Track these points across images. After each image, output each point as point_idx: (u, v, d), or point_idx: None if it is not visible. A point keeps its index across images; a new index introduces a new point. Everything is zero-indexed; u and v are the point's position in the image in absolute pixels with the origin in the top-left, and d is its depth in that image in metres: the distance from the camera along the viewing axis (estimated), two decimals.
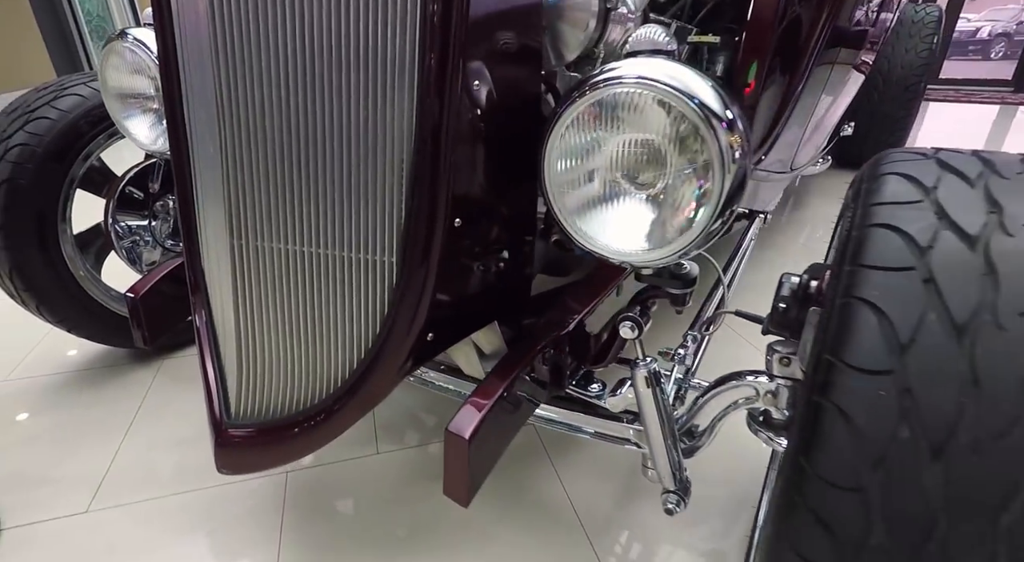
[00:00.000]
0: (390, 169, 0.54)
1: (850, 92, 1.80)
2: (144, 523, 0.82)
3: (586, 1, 0.61)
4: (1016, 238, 0.38)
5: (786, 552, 0.40)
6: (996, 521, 0.33)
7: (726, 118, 0.47)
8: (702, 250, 0.59)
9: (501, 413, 0.60)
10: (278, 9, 0.51)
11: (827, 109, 1.53)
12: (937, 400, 0.35)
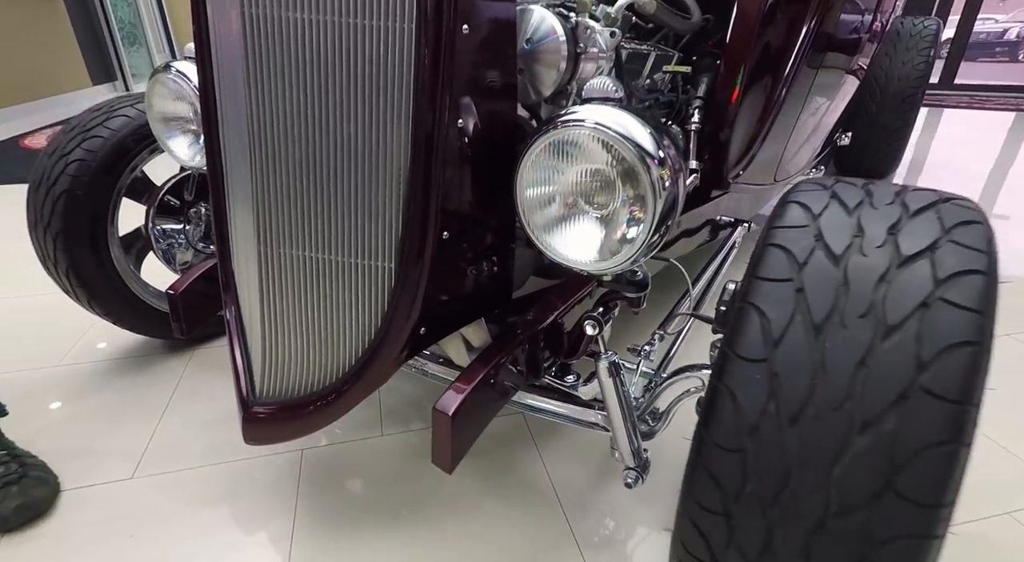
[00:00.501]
0: (389, 190, 0.66)
1: (839, 104, 1.88)
2: (181, 489, 0.95)
3: (557, 48, 0.72)
4: (868, 257, 0.48)
5: (691, 503, 0.51)
6: (831, 472, 0.43)
7: (658, 156, 0.58)
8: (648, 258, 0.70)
9: (481, 395, 0.72)
10: (301, 57, 0.63)
11: (812, 123, 1.62)
12: (795, 382, 0.46)
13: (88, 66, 5.07)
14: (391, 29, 0.61)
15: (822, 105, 1.63)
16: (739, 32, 1.18)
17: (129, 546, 0.85)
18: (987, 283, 0.45)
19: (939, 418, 0.41)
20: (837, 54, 1.54)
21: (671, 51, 1.18)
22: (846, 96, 1.95)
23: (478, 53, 0.65)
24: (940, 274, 0.45)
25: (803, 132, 1.55)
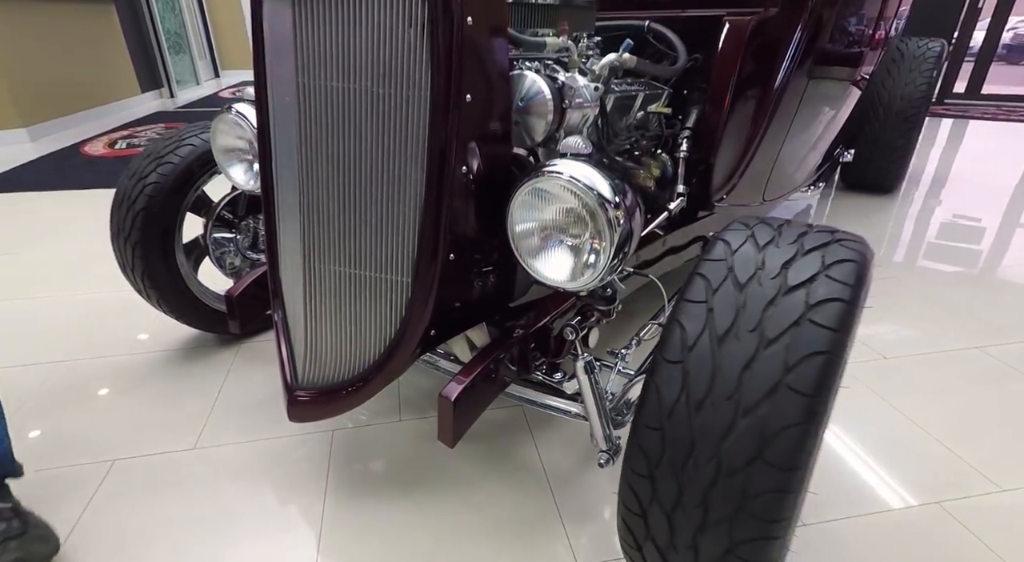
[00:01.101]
0: (407, 220, 0.83)
1: (834, 124, 1.99)
2: (235, 458, 1.14)
3: (544, 105, 0.89)
4: (763, 287, 0.63)
5: (627, 470, 0.67)
6: (721, 445, 0.59)
7: (614, 202, 0.74)
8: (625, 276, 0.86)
9: (479, 385, 0.88)
10: (341, 113, 0.81)
11: (801, 146, 1.74)
12: (700, 379, 0.61)
13: (137, 74, 5.41)
14: (411, 97, 0.78)
15: (812, 128, 1.75)
16: (721, 70, 1.33)
17: (193, 502, 1.05)
18: (845, 309, 0.60)
19: (797, 407, 0.57)
20: (826, 80, 1.66)
21: (662, 88, 1.33)
22: (842, 116, 2.07)
23: (479, 114, 0.82)
24: (811, 301, 0.61)
25: (791, 155, 1.68)
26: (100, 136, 4.00)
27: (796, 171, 1.84)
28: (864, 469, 1.11)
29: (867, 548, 0.95)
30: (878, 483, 1.08)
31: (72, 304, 1.75)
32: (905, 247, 2.14)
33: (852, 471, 1.11)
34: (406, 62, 0.76)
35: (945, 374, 1.40)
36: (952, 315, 1.66)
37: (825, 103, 1.74)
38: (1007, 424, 1.23)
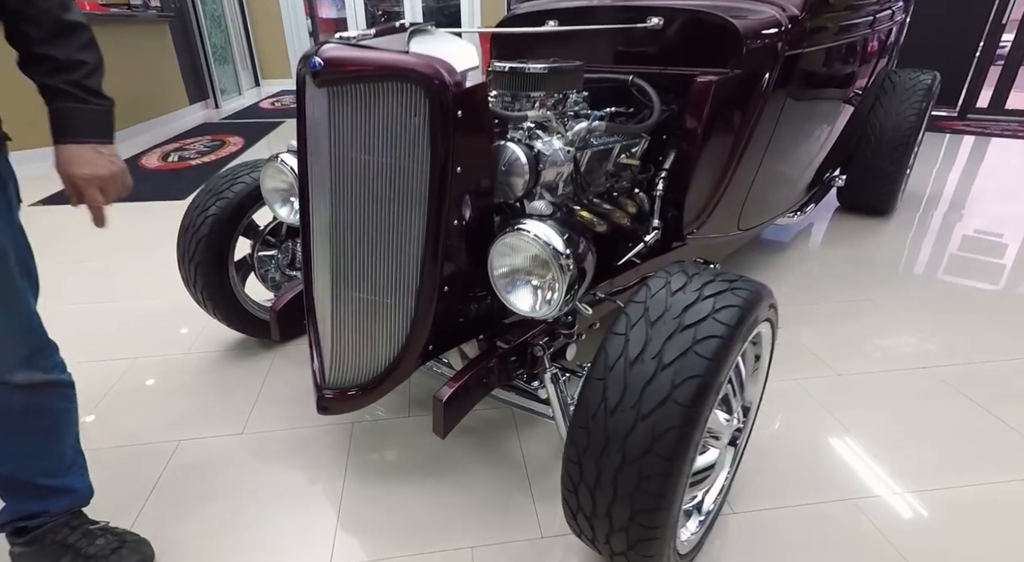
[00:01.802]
0: (411, 258, 1.07)
1: (810, 158, 2.16)
2: (274, 442, 1.40)
3: (521, 168, 1.11)
4: (666, 324, 0.85)
5: (565, 458, 0.90)
6: (626, 441, 0.81)
7: (565, 253, 0.97)
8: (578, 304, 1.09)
9: (465, 389, 1.12)
10: (364, 176, 1.05)
11: (774, 182, 1.93)
12: (614, 392, 0.83)
13: (186, 87, 5.82)
14: (415, 168, 1.02)
15: (785, 165, 1.93)
16: (690, 121, 1.53)
17: (242, 477, 1.31)
18: (721, 344, 0.81)
19: (678, 415, 0.78)
20: (795, 124, 1.85)
21: (639, 138, 1.54)
22: (822, 147, 2.24)
23: (467, 181, 1.05)
24: (697, 337, 0.82)
25: (763, 190, 1.87)
26: (154, 148, 4.38)
27: (774, 201, 2.02)
28: (794, 467, 1.31)
29: (787, 534, 1.15)
30: (804, 480, 1.28)
31: (135, 309, 2.05)
32: (883, 269, 2.30)
33: (783, 468, 1.31)
34: (412, 142, 1.00)
35: (889, 390, 1.57)
36: (908, 335, 1.82)
37: (797, 142, 1.92)
38: (930, 436, 1.41)
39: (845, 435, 1.42)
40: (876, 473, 1.30)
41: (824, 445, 1.39)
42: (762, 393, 1.19)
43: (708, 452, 1.05)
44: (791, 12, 1.56)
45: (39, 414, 0.96)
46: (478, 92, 1.01)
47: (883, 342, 1.79)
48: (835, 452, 1.36)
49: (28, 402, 0.93)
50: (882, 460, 1.34)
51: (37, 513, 1.02)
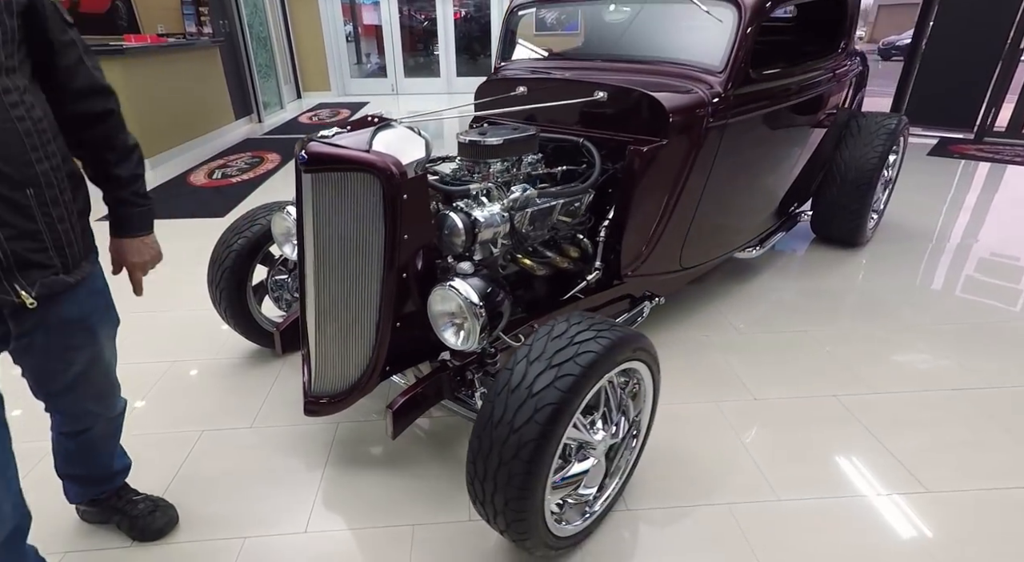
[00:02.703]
0: (371, 301, 1.41)
1: (757, 200, 2.39)
2: (276, 435, 1.76)
3: (459, 232, 1.43)
4: (540, 363, 1.15)
5: (467, 459, 1.21)
6: (503, 446, 1.12)
7: (479, 304, 1.28)
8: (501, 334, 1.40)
9: (413, 402, 1.44)
10: (337, 236, 1.39)
11: (715, 225, 2.18)
12: (498, 411, 1.14)
13: (233, 103, 6.35)
14: (373, 235, 1.35)
15: (727, 210, 2.19)
16: (626, 181, 1.81)
17: (248, 461, 1.67)
18: (575, 380, 1.11)
19: (536, 431, 1.09)
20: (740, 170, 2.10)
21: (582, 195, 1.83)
22: (775, 188, 2.47)
23: (412, 244, 1.38)
24: (559, 374, 1.12)
25: (704, 233, 2.12)
26: (202, 165, 4.88)
27: (717, 243, 2.27)
28: (689, 475, 1.58)
29: (667, 530, 1.44)
30: (694, 486, 1.55)
31: (176, 319, 2.46)
32: (830, 302, 2.51)
33: (680, 476, 1.58)
34: (370, 215, 1.34)
35: (794, 414, 1.82)
36: (827, 367, 2.05)
37: (736, 191, 2.16)
38: (814, 455, 1.65)
39: (741, 451, 1.68)
40: (755, 484, 1.56)
41: (720, 458, 1.65)
42: (652, 414, 1.47)
43: (587, 460, 1.34)
44: (715, 91, 1.83)
45: (108, 440, 1.35)
46: (419, 180, 1.34)
47: (803, 372, 2.03)
48: (728, 465, 1.63)
49: (107, 428, 1.31)
50: (765, 473, 1.60)
51: (99, 493, 1.41)
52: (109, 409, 1.28)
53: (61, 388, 1.14)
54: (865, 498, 1.51)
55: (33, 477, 1.59)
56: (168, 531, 1.44)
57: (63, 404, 1.20)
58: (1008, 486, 1.54)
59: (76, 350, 1.09)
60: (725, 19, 1.84)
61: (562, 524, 1.30)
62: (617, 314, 2.04)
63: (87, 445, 1.30)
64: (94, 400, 1.22)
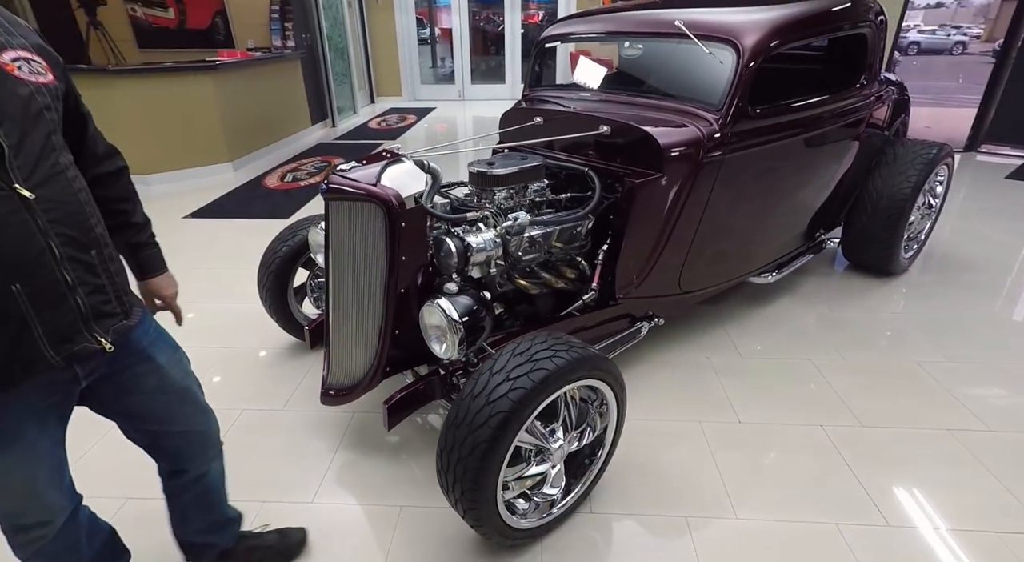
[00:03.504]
0: (375, 312, 1.64)
1: (764, 228, 2.42)
2: (303, 418, 2.04)
3: (452, 255, 1.64)
4: (500, 376, 1.33)
5: (437, 453, 1.41)
6: (463, 443, 1.31)
7: (460, 320, 1.49)
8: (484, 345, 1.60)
9: (405, 399, 1.66)
10: (347, 254, 1.63)
11: (717, 252, 2.26)
12: (461, 413, 1.34)
13: (310, 110, 6.89)
14: (376, 256, 1.58)
15: (729, 238, 2.26)
16: (624, 209, 1.95)
17: (279, 437, 1.96)
18: (526, 393, 1.29)
19: (489, 433, 1.27)
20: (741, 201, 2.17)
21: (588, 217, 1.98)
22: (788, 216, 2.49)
23: (410, 265, 1.60)
24: (513, 386, 1.30)
25: (704, 259, 2.21)
26: (276, 168, 5.37)
27: (720, 269, 2.33)
28: (655, 487, 1.71)
29: (625, 534, 1.58)
30: (659, 496, 1.68)
31: (234, 311, 2.82)
32: (845, 332, 2.51)
33: (648, 486, 1.71)
34: (375, 238, 1.57)
35: (774, 440, 1.90)
36: (822, 396, 2.09)
37: (735, 220, 2.21)
38: (782, 480, 1.73)
39: (712, 469, 1.78)
40: (716, 501, 1.67)
41: (690, 474, 1.77)
42: (617, 429, 1.61)
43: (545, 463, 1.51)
44: (712, 129, 1.93)
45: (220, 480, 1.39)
46: (416, 210, 1.56)
47: (794, 400, 2.09)
48: (695, 481, 1.74)
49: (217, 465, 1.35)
50: (729, 492, 1.70)
51: (227, 543, 1.43)
52: (205, 424, 1.28)
53: (150, 417, 1.16)
54: (822, 525, 1.59)
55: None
56: (305, 542, 1.55)
57: (161, 438, 1.20)
58: (978, 529, 1.56)
59: (143, 376, 1.11)
60: (725, 60, 1.93)
61: (517, 517, 1.48)
62: (616, 332, 2.18)
63: (203, 490, 1.32)
64: (183, 421, 1.21)
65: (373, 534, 1.60)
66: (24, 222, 0.85)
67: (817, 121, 2.25)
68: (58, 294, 0.90)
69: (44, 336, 0.90)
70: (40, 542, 1.08)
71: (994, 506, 1.63)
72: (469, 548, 1.55)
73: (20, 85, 0.88)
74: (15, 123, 0.85)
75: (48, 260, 0.88)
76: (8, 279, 0.84)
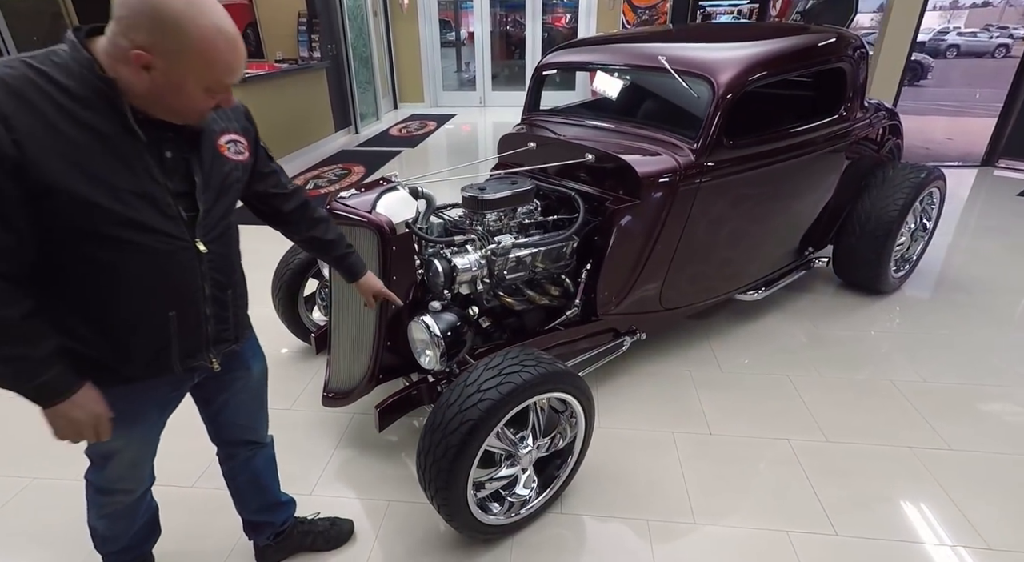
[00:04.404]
0: (369, 326, 1.82)
1: (745, 248, 2.52)
2: (307, 417, 2.24)
3: (439, 275, 1.81)
4: (472, 386, 1.50)
5: (417, 454, 1.59)
6: (440, 445, 1.48)
7: (443, 335, 1.66)
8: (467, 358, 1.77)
9: (395, 404, 1.84)
10: None
11: (697, 272, 2.38)
12: (436, 421, 1.50)
13: (333, 117, 7.15)
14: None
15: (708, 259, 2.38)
16: (604, 232, 2.09)
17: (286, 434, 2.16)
18: (493, 404, 1.45)
19: (458, 440, 1.44)
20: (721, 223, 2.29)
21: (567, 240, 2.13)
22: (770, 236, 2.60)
23: (401, 283, 1.77)
24: (482, 398, 1.47)
25: (685, 278, 2.33)
26: (299, 175, 5.63)
27: (700, 288, 2.45)
28: (624, 492, 1.85)
29: (589, 533, 1.73)
30: (626, 501, 1.82)
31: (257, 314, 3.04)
32: (826, 349, 2.60)
33: (617, 491, 1.85)
34: (369, 261, 1.75)
35: (743, 451, 2.02)
36: (795, 410, 2.20)
37: (716, 242, 2.33)
38: (744, 489, 1.86)
39: (678, 477, 1.92)
40: (679, 506, 1.80)
41: (656, 480, 1.90)
42: (585, 439, 1.76)
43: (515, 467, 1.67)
44: (688, 159, 2.06)
45: (270, 468, 1.57)
46: (406, 236, 1.73)
47: (766, 414, 2.20)
48: (661, 487, 1.88)
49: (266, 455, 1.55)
50: (691, 499, 1.83)
51: (282, 523, 1.61)
52: (263, 431, 1.53)
53: (227, 409, 1.37)
54: (775, 532, 1.71)
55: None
56: (352, 532, 1.72)
57: (226, 425, 1.41)
58: (922, 541, 1.67)
59: (237, 379, 1.35)
60: (702, 95, 2.06)
61: (487, 515, 1.64)
62: (600, 345, 2.32)
63: (254, 474, 1.51)
64: (247, 416, 1.45)
65: (364, 524, 1.78)
66: (194, 268, 1.05)
67: (794, 149, 2.35)
68: (197, 323, 1.11)
69: (178, 353, 1.10)
70: (116, 507, 1.32)
71: (943, 520, 1.73)
72: (446, 541, 1.72)
73: (226, 163, 1.09)
74: (213, 193, 1.06)
75: (199, 297, 1.09)
76: (170, 307, 1.05)
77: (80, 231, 0.91)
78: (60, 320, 0.98)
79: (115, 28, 0.87)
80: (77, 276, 0.96)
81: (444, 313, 1.74)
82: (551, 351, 2.10)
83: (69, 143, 0.87)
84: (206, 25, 0.87)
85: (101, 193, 0.90)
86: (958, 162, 5.57)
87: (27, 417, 2.30)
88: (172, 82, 0.90)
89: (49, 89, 0.86)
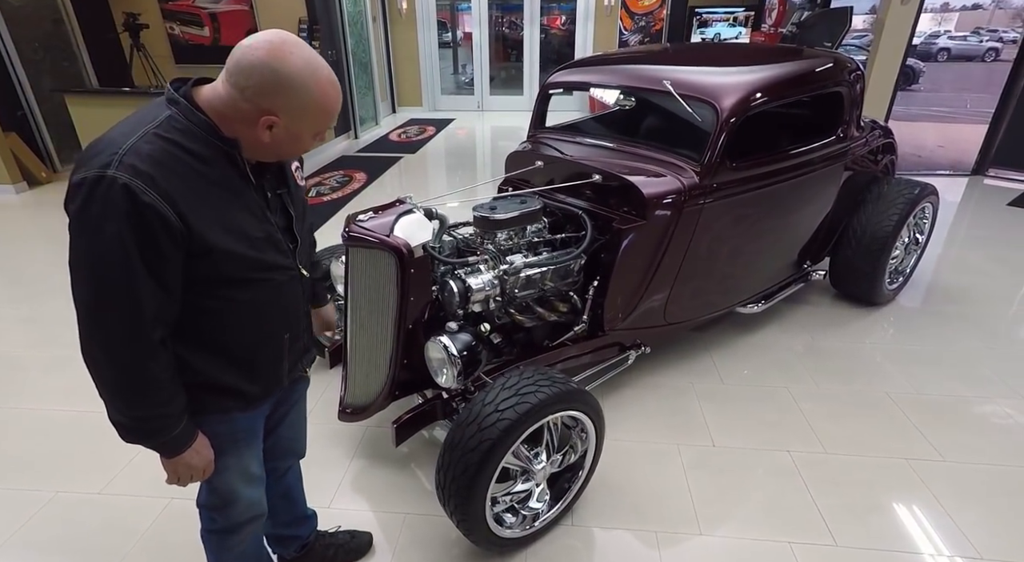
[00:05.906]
0: (387, 344, 1.88)
1: (747, 264, 2.60)
2: (322, 430, 2.30)
3: (454, 296, 1.87)
4: (490, 405, 1.56)
5: (436, 470, 1.65)
6: (456, 465, 1.54)
7: (459, 354, 1.72)
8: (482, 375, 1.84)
9: (412, 420, 1.90)
10: (365, 296, 1.88)
11: (699, 288, 2.46)
12: (457, 438, 1.57)
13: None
14: (388, 296, 1.82)
15: (711, 275, 2.45)
16: (610, 249, 2.16)
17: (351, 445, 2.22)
18: (510, 424, 1.52)
19: (479, 457, 1.50)
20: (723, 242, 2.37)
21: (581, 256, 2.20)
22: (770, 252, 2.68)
23: (416, 303, 1.83)
24: (500, 417, 1.53)
25: (688, 294, 2.41)
26: None
27: (702, 303, 2.53)
28: (631, 504, 1.92)
29: (599, 545, 1.80)
30: (634, 513, 1.89)
31: None
32: (821, 360, 2.69)
33: (625, 503, 1.92)
34: (387, 280, 1.81)
35: (745, 462, 2.09)
36: (790, 423, 2.28)
37: (717, 260, 2.41)
38: (748, 500, 1.93)
39: (684, 488, 1.99)
40: (685, 517, 1.88)
41: (663, 492, 1.98)
42: (596, 454, 1.83)
43: (529, 482, 1.73)
44: (692, 181, 2.13)
45: (299, 483, 1.64)
46: (423, 258, 1.79)
47: (766, 426, 2.28)
48: (668, 498, 1.95)
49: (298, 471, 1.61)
50: (697, 510, 1.90)
51: (306, 536, 1.68)
52: (304, 443, 1.58)
53: (281, 422, 1.41)
54: (777, 543, 1.79)
55: None
56: (371, 544, 1.79)
57: (274, 437, 1.42)
58: (919, 551, 1.75)
59: (295, 391, 1.42)
60: (705, 118, 2.13)
61: (504, 528, 1.70)
62: (605, 359, 2.39)
63: (287, 488, 1.57)
64: (291, 428, 1.47)
65: (381, 537, 1.84)
66: (299, 293, 1.18)
67: (794, 170, 2.43)
68: (299, 338, 1.23)
69: (288, 367, 1.22)
70: (245, 539, 1.35)
71: (937, 530, 1.81)
72: (463, 552, 1.78)
73: (300, 190, 1.18)
74: (303, 222, 1.16)
75: (301, 316, 1.22)
76: (284, 329, 1.16)
77: (222, 279, 1.00)
78: (189, 361, 1.04)
79: (237, 95, 0.92)
80: (210, 316, 1.03)
81: (460, 333, 1.81)
82: (558, 366, 2.17)
83: (213, 204, 0.95)
84: (322, 79, 0.94)
85: (243, 244, 0.99)
86: (949, 170, 5.68)
87: (50, 432, 2.36)
88: (292, 134, 0.97)
89: (185, 157, 0.92)
